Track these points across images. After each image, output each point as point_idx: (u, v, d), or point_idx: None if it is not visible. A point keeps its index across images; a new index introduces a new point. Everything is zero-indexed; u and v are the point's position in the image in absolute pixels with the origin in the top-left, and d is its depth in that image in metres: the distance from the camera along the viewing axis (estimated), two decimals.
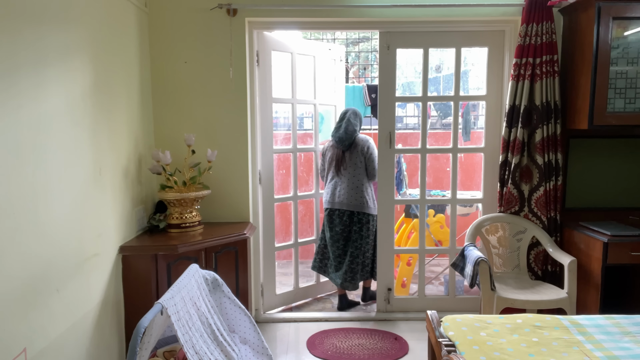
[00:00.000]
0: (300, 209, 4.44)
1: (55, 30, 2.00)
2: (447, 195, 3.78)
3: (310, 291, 3.97)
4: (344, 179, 3.63)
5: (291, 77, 3.64)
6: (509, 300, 2.84)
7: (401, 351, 3.03)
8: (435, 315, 2.27)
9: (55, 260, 1.96)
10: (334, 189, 3.66)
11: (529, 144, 3.21)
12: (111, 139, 2.51)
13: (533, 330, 2.15)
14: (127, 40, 2.77)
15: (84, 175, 2.21)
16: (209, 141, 3.19)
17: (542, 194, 3.18)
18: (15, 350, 1.69)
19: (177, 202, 2.88)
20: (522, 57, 3.11)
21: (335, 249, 3.67)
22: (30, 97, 1.81)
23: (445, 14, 3.19)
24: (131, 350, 1.59)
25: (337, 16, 3.19)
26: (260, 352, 2.28)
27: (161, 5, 3.11)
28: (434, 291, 4.16)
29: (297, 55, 3.65)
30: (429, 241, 3.91)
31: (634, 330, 2.14)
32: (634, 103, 2.90)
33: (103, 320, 2.38)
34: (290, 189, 3.85)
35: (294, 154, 3.77)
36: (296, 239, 3.85)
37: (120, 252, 2.57)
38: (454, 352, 1.97)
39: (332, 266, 3.73)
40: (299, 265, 3.94)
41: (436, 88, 5.48)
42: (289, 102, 3.67)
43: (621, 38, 2.86)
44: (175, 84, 3.17)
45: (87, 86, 2.25)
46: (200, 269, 2.22)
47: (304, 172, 4.73)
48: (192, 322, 1.88)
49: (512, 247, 3.30)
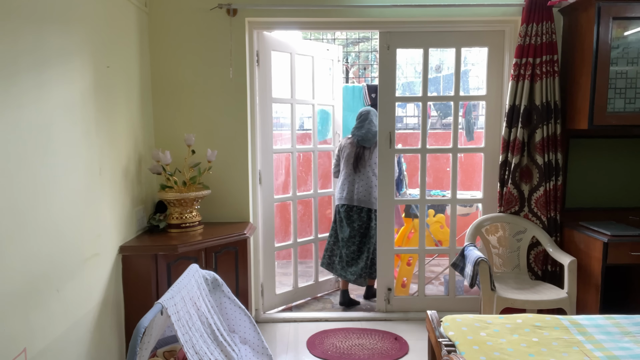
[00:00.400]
0: (300, 209, 4.44)
1: (56, 31, 2.00)
2: (447, 195, 3.78)
3: (309, 291, 3.97)
4: (362, 176, 3.72)
5: (290, 77, 3.64)
6: (509, 300, 2.84)
7: (401, 351, 3.03)
8: (435, 315, 2.27)
9: (55, 260, 1.96)
10: (351, 186, 3.73)
11: (529, 144, 3.21)
12: (111, 139, 2.51)
13: (533, 330, 2.15)
14: (127, 40, 2.77)
15: (84, 175, 2.21)
16: (209, 141, 3.19)
17: (542, 194, 3.18)
18: (15, 350, 1.69)
19: (177, 202, 2.88)
20: (522, 57, 3.11)
21: (351, 244, 3.74)
22: (30, 97, 1.81)
23: (445, 14, 3.19)
24: (131, 350, 1.59)
25: (337, 16, 3.19)
26: (260, 352, 2.28)
27: (161, 5, 3.11)
28: (434, 291, 4.16)
29: (296, 56, 3.65)
30: (429, 241, 3.91)
31: (634, 330, 2.14)
32: (634, 103, 2.90)
33: (103, 320, 2.38)
34: (290, 189, 3.85)
35: (293, 154, 3.77)
36: (295, 239, 3.85)
37: (120, 252, 2.57)
38: (454, 352, 1.97)
39: (343, 262, 3.77)
40: (299, 265, 3.94)
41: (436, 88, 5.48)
42: (289, 102, 3.67)
43: (621, 38, 2.86)
44: (175, 83, 3.17)
45: (87, 86, 2.25)
46: (200, 269, 2.22)
47: (303, 172, 4.74)
48: (192, 322, 1.88)
49: (512, 247, 3.30)
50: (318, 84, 3.86)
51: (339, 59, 4.06)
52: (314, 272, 4.00)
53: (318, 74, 3.86)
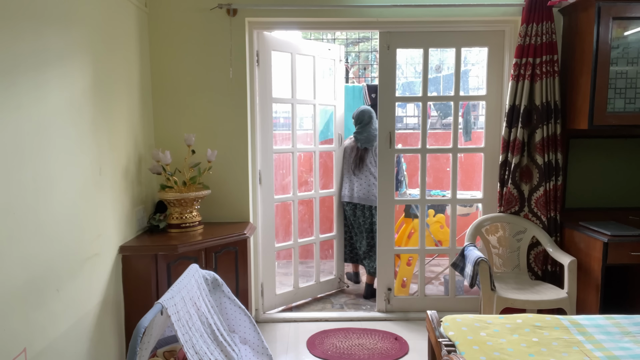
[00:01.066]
0: (300, 209, 4.43)
1: (56, 31, 2.00)
2: (447, 195, 3.78)
3: (310, 291, 3.97)
4: (361, 175, 3.94)
5: (291, 76, 3.63)
6: (509, 300, 2.84)
7: (401, 351, 3.03)
8: (435, 315, 2.27)
9: (55, 260, 1.96)
10: (352, 185, 3.97)
11: (529, 144, 3.21)
12: (111, 139, 2.51)
13: (533, 330, 2.15)
14: (127, 40, 2.77)
15: (84, 175, 2.21)
16: (209, 141, 3.19)
17: (542, 194, 3.18)
18: (15, 350, 1.69)
19: (177, 202, 2.88)
20: (522, 57, 3.12)
21: (363, 238, 3.98)
22: (30, 97, 1.81)
23: (445, 14, 3.19)
24: (131, 350, 1.59)
25: (337, 16, 3.19)
26: (260, 352, 2.28)
27: (161, 5, 3.11)
28: (434, 291, 4.16)
29: (297, 56, 3.65)
30: (429, 241, 3.91)
31: (634, 330, 2.14)
32: (634, 103, 2.90)
33: (103, 320, 2.38)
34: (290, 189, 3.85)
35: (293, 154, 3.77)
36: (296, 239, 3.85)
37: (120, 252, 2.57)
38: (454, 352, 1.97)
39: (362, 254, 4.02)
40: (300, 266, 3.94)
41: (436, 88, 5.48)
42: (289, 102, 3.67)
43: (621, 38, 2.86)
44: (175, 83, 3.17)
45: (87, 86, 2.25)
46: (200, 269, 2.22)
47: (304, 172, 4.73)
48: (192, 322, 1.88)
49: (512, 247, 3.30)
50: (319, 84, 3.86)
51: (340, 59, 4.06)
52: (315, 273, 4.00)
53: (319, 73, 3.86)
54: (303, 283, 3.95)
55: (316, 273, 4.00)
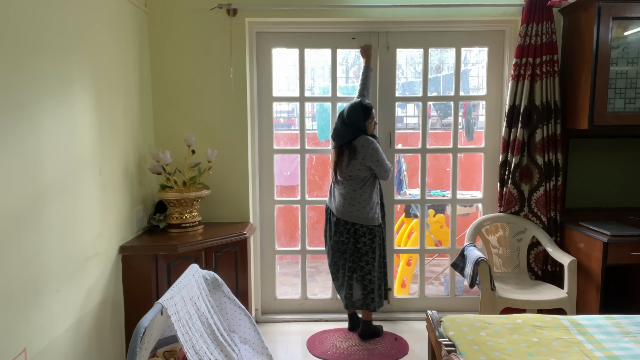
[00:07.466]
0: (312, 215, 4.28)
1: (55, 31, 2.00)
2: (447, 195, 3.78)
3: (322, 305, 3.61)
4: (339, 185, 3.05)
5: (290, 76, 3.62)
6: (509, 300, 2.84)
7: (401, 351, 3.03)
8: (435, 315, 2.27)
9: (55, 260, 1.96)
10: (332, 193, 3.13)
11: (529, 144, 3.21)
12: (111, 139, 2.51)
13: (533, 330, 2.15)
14: (127, 41, 2.77)
15: (84, 175, 2.21)
16: (209, 141, 3.19)
17: (542, 194, 3.18)
18: (15, 350, 1.69)
19: (177, 202, 2.88)
20: (522, 57, 3.11)
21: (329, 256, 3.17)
22: (30, 97, 1.81)
23: (445, 14, 3.19)
24: (131, 350, 1.58)
25: (337, 16, 3.19)
26: (260, 352, 2.28)
27: (161, 5, 3.11)
28: (434, 291, 4.16)
29: (297, 55, 3.64)
30: (429, 241, 3.91)
31: (634, 330, 2.14)
32: (634, 103, 2.90)
33: (103, 321, 2.38)
34: (298, 192, 3.64)
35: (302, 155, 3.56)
36: (304, 246, 3.57)
37: (120, 252, 2.57)
38: (454, 352, 1.97)
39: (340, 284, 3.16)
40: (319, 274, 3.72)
41: (436, 88, 5.48)
42: (290, 102, 3.66)
43: (621, 38, 2.86)
44: (175, 84, 3.17)
45: (86, 86, 2.25)
46: (200, 269, 2.22)
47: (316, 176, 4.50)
48: (192, 322, 1.88)
49: (512, 247, 3.30)
50: (319, 83, 3.84)
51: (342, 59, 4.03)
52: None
53: (320, 73, 3.84)
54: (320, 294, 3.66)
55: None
